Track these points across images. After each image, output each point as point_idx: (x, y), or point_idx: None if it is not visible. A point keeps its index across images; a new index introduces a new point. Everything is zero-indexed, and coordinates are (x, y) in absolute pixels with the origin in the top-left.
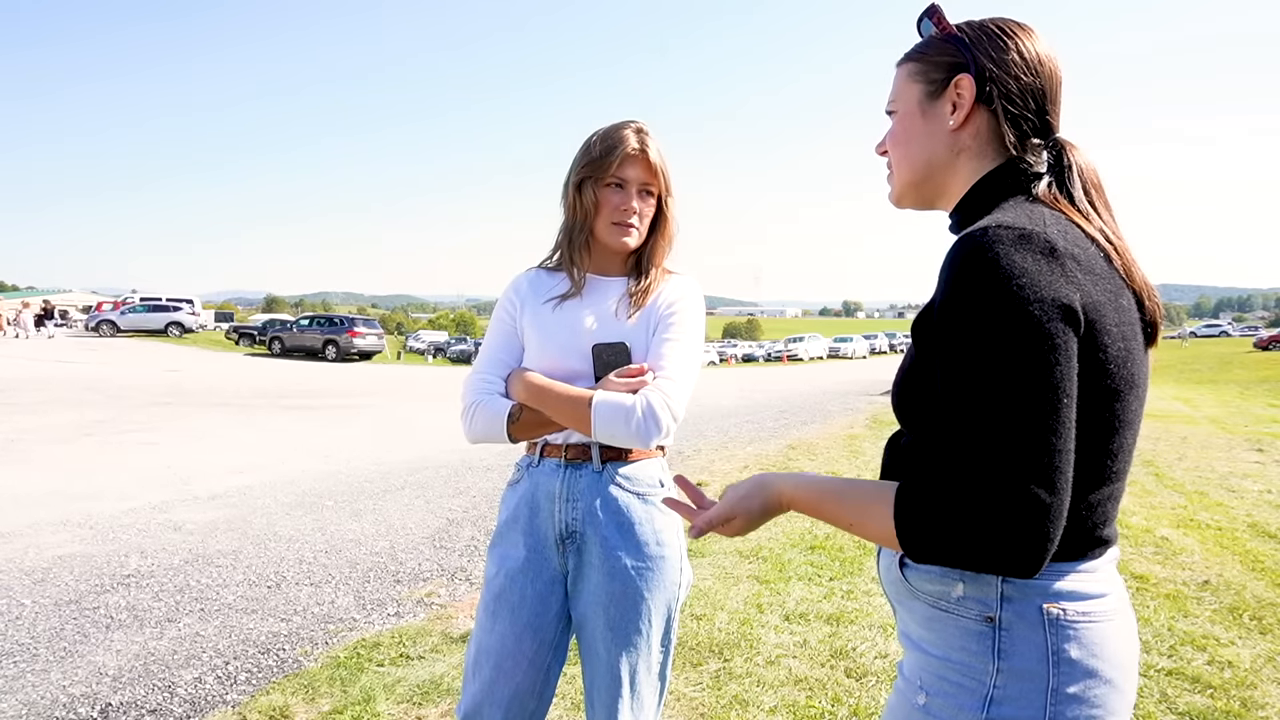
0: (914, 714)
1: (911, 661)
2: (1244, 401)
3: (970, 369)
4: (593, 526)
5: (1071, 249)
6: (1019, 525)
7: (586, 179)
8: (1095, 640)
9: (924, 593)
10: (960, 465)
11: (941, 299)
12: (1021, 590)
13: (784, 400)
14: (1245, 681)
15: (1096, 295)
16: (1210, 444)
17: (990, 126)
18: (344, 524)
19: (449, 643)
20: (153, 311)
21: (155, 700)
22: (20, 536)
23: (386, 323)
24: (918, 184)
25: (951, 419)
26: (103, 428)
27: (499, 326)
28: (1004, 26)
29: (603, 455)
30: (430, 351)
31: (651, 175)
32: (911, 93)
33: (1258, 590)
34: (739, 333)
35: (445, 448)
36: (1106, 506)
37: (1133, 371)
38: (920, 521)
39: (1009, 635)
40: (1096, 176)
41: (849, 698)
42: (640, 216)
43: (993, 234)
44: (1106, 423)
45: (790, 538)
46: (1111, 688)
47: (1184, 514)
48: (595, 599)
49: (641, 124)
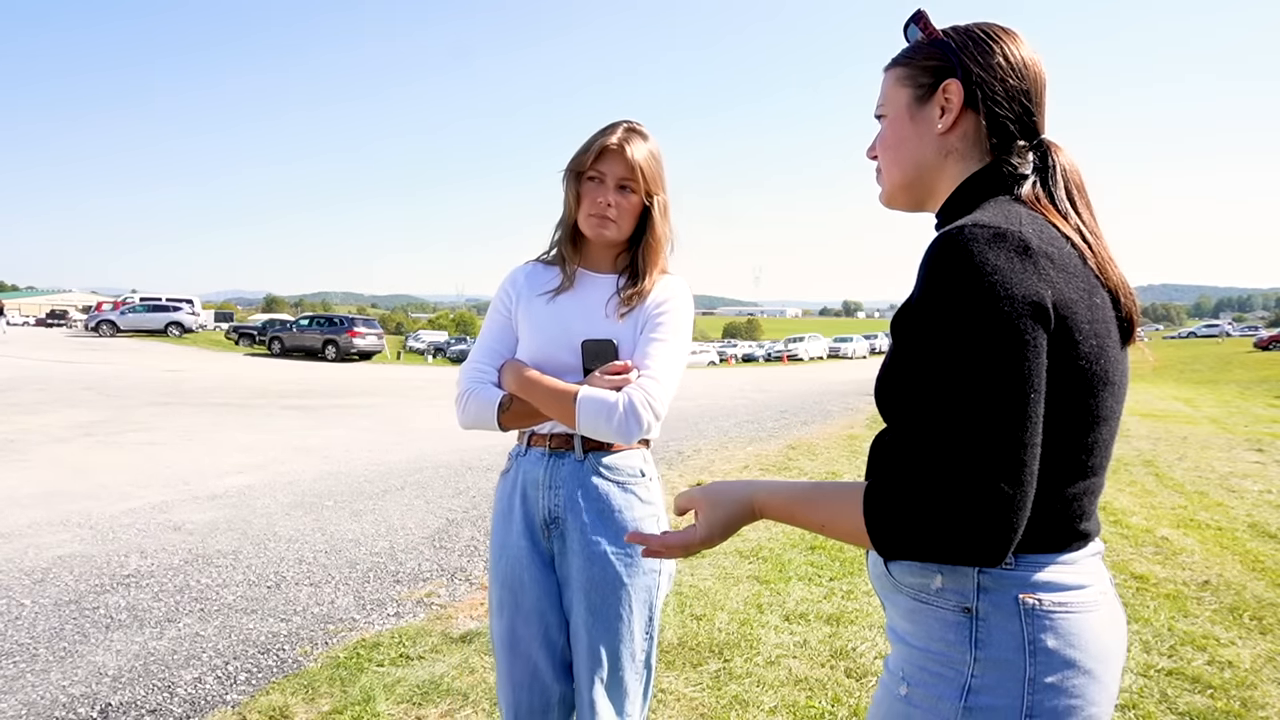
0: (896, 704)
1: (895, 654)
2: (1244, 401)
3: (940, 363)
4: (573, 513)
5: (1046, 247)
6: (982, 515)
7: (572, 170)
8: (1073, 631)
9: (905, 585)
10: (926, 457)
11: (917, 295)
12: (998, 581)
13: (784, 400)
14: (1245, 681)
15: (1069, 293)
16: (1210, 444)
17: (978, 129)
18: (344, 524)
19: (449, 643)
20: (152, 311)
21: (155, 700)
22: (20, 536)
23: (386, 323)
24: (907, 186)
25: (921, 412)
26: (102, 428)
27: (495, 317)
28: (989, 31)
29: (585, 445)
30: (430, 351)
31: (629, 171)
32: (900, 97)
33: (1258, 590)
34: (739, 333)
35: (445, 447)
36: (1084, 500)
37: (1106, 368)
38: (887, 516)
39: (985, 625)
40: (1079, 176)
41: (849, 698)
42: (618, 209)
43: (968, 232)
44: (1081, 418)
45: (790, 538)
46: (1090, 678)
47: (1184, 514)
48: (577, 584)
49: (635, 124)
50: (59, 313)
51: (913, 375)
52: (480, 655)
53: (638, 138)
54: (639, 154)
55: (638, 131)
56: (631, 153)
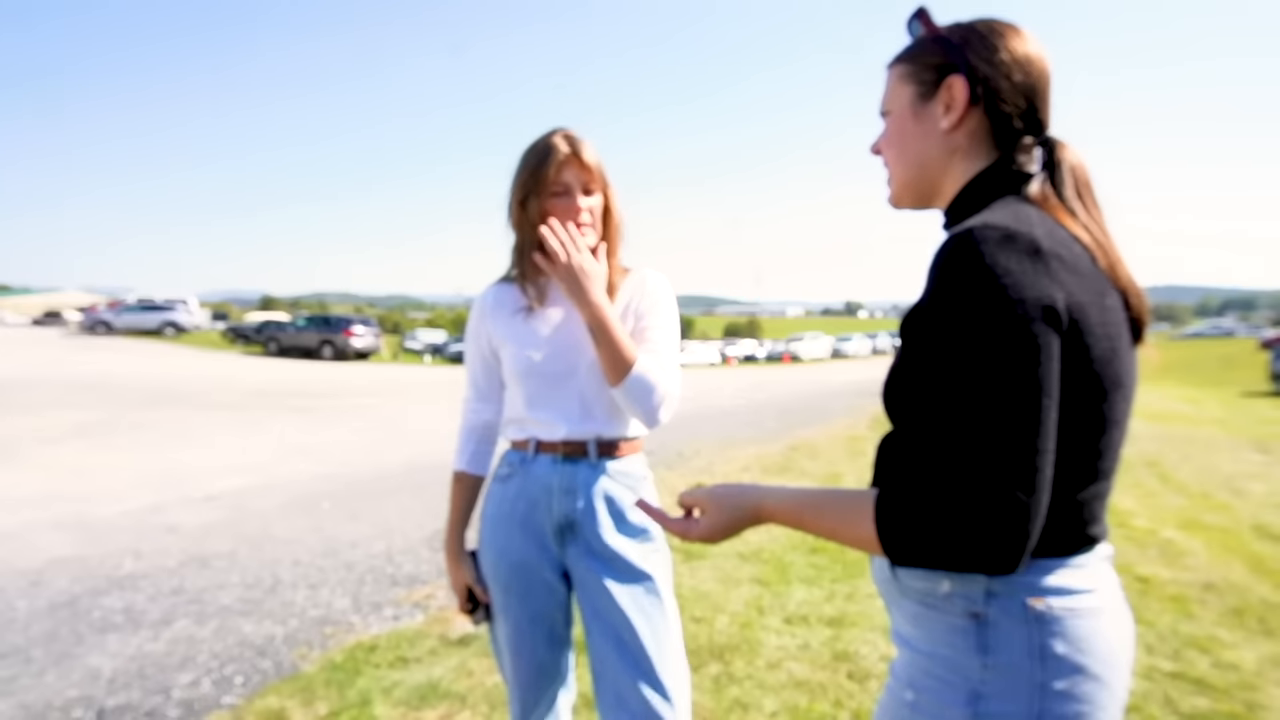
0: (902, 711)
1: (901, 660)
2: (1249, 402)
3: (951, 367)
4: (591, 516)
5: (1057, 249)
6: (997, 524)
7: (530, 194)
8: (1082, 635)
9: (912, 590)
10: (940, 463)
11: (927, 298)
12: (1006, 586)
13: (785, 400)
14: (1249, 684)
15: (1080, 295)
16: (1215, 445)
17: (983, 126)
18: (340, 526)
19: (446, 645)
20: (148, 311)
21: (151, 703)
22: (14, 538)
23: (383, 322)
24: (913, 185)
25: (933, 417)
26: (97, 428)
27: (472, 349)
28: (993, 26)
29: (599, 450)
30: (427, 351)
31: (589, 174)
32: (904, 95)
33: (1262, 592)
34: (740, 332)
35: (442, 448)
36: (1093, 504)
37: (1118, 371)
38: (900, 525)
39: (994, 630)
40: (1086, 174)
41: (850, 701)
42: (591, 214)
43: (978, 234)
44: (1092, 422)
45: (791, 540)
46: (1099, 684)
47: (1188, 515)
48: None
49: (568, 130)
50: (54, 313)
51: (923, 380)
52: (478, 658)
53: (580, 140)
54: (592, 156)
55: (576, 135)
56: (587, 156)
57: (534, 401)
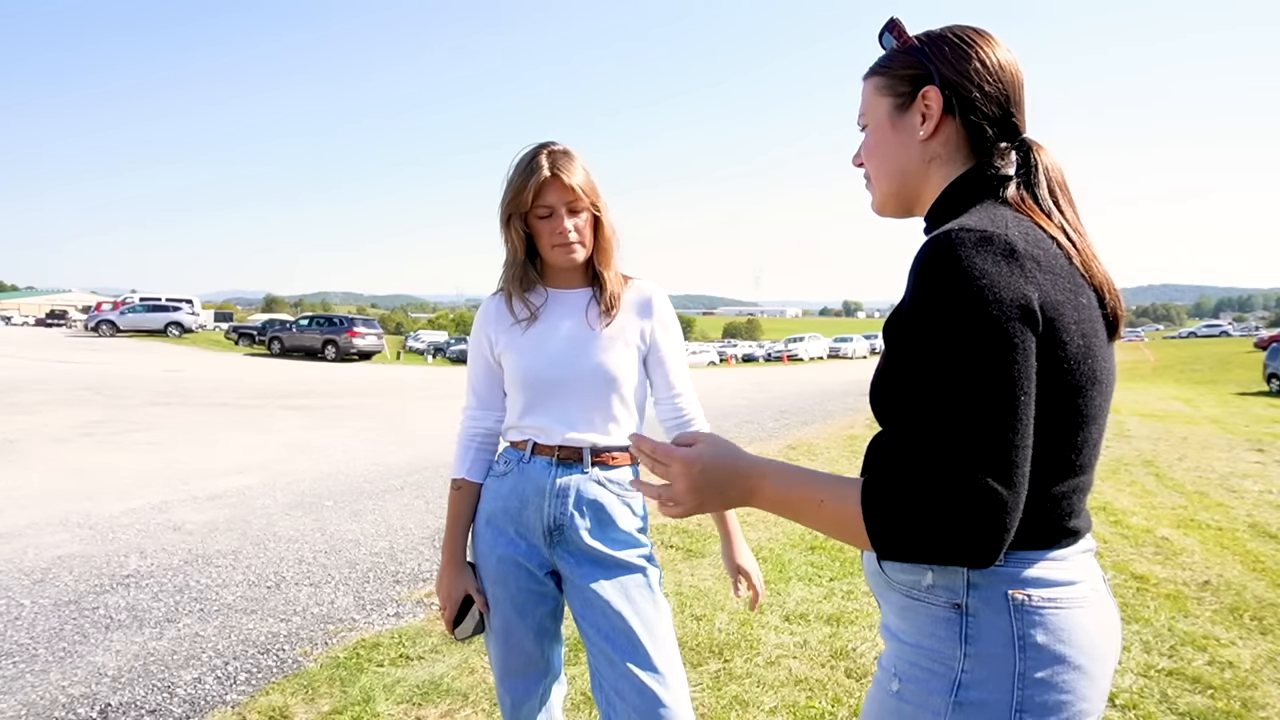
0: (888, 701)
1: (889, 651)
2: (1244, 401)
3: (931, 368)
4: (578, 519)
5: (1032, 250)
6: (976, 518)
7: (514, 214)
8: (1063, 626)
9: (897, 582)
10: (920, 459)
11: (907, 301)
12: (988, 577)
13: (784, 400)
14: (1246, 682)
15: (1056, 295)
16: (1210, 444)
17: (959, 133)
18: (343, 524)
19: (449, 643)
20: (152, 311)
21: (155, 701)
22: (19, 537)
23: (386, 322)
24: (895, 194)
25: (914, 416)
26: (102, 427)
27: (475, 357)
28: (963, 35)
29: (592, 458)
30: (430, 351)
31: (571, 194)
32: (880, 106)
33: (1258, 590)
34: (739, 332)
35: (444, 448)
36: (1073, 498)
37: (1094, 367)
38: (883, 517)
39: (975, 621)
40: (1062, 175)
41: (849, 698)
42: (578, 231)
43: (955, 237)
44: (1070, 418)
45: (790, 538)
46: (1081, 674)
47: (1184, 514)
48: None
49: (554, 145)
50: (59, 313)
51: (905, 380)
52: (480, 655)
53: (564, 159)
54: (577, 177)
55: (561, 152)
56: (568, 178)
57: (533, 409)
